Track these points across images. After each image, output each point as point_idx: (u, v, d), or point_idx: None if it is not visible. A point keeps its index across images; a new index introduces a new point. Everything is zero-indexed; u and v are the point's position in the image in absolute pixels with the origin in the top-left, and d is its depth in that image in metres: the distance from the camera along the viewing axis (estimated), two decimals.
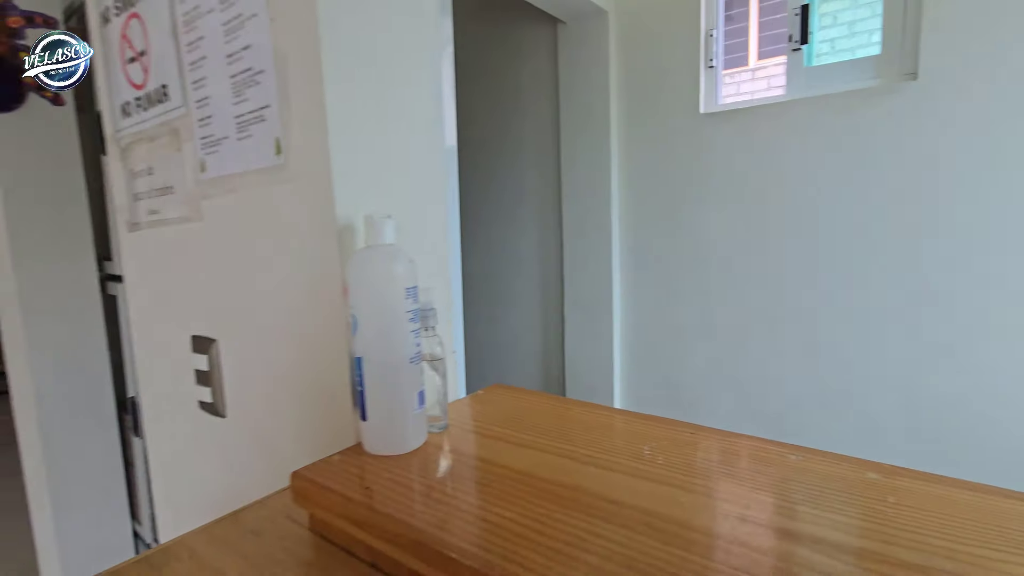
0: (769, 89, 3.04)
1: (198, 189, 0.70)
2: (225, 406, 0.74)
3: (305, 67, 0.54)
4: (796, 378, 1.45)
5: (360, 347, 0.52)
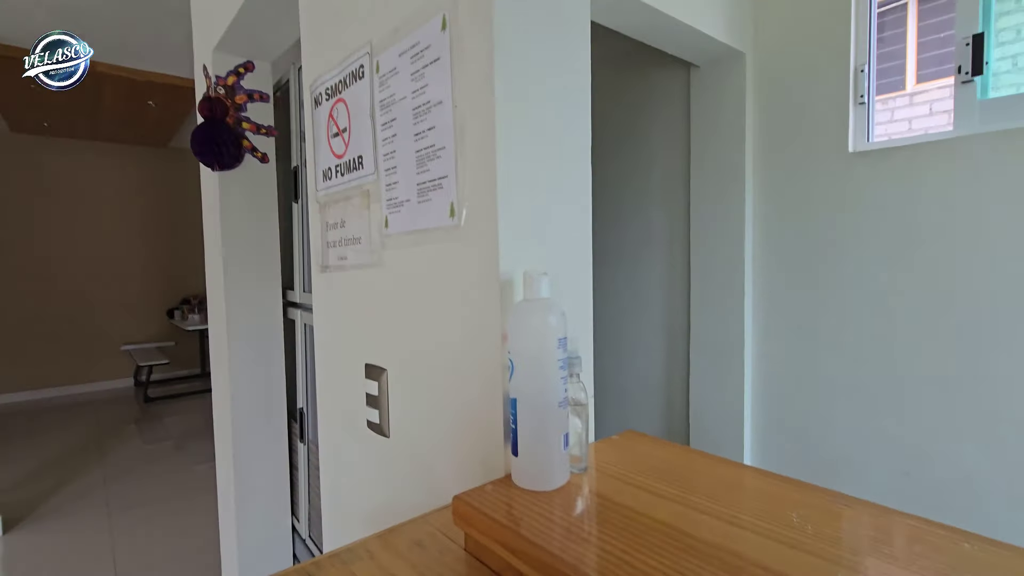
0: (931, 115, 2.72)
1: (381, 241, 0.83)
2: (389, 428, 0.85)
3: (480, 146, 0.64)
4: (970, 452, 1.26)
5: (516, 389, 0.58)
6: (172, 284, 5.97)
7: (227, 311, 1.73)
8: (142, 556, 2.38)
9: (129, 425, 4.45)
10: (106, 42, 2.74)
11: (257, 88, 1.76)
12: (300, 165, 1.79)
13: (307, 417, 1.82)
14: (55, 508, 2.87)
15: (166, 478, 3.27)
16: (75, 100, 3.93)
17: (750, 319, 1.71)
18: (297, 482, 1.90)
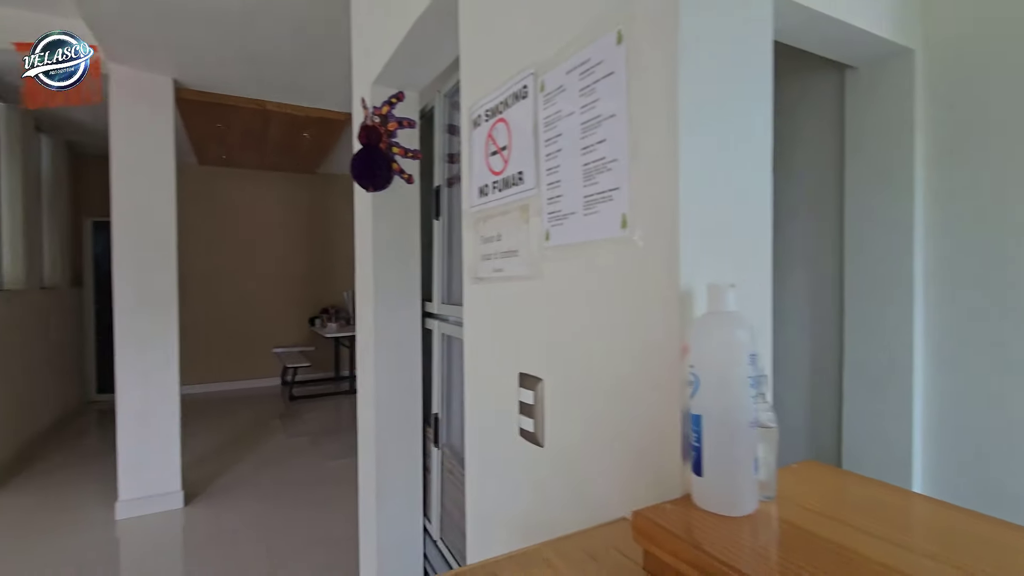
0: None
1: (540, 254, 0.86)
2: (544, 437, 0.86)
3: (658, 157, 0.63)
4: None
5: (700, 406, 0.56)
6: (314, 295, 6.65)
7: (375, 321, 1.88)
8: (289, 538, 2.64)
9: (275, 420, 5.00)
10: (278, 83, 3.16)
11: (406, 116, 1.91)
12: (442, 184, 1.91)
13: (442, 422, 1.91)
14: (222, 487, 3.30)
15: (305, 470, 3.61)
16: (248, 136, 4.58)
17: (920, 340, 1.49)
18: (430, 485, 1.99)
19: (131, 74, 2.82)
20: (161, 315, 2.94)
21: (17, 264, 3.92)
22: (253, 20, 2.37)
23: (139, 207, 2.88)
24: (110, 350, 5.60)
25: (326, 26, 2.43)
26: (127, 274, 2.86)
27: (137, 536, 2.71)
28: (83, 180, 5.46)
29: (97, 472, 3.58)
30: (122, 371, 2.87)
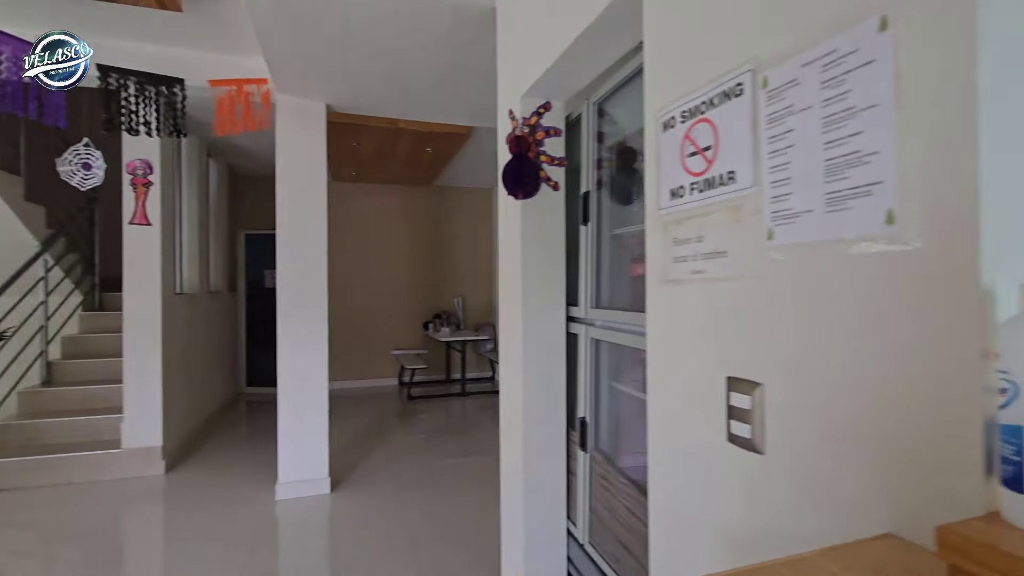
0: None
1: (760, 254, 0.83)
2: (764, 444, 0.83)
3: (943, 147, 0.59)
4: None
5: (1019, 415, 0.51)
6: (427, 301, 7.00)
7: (523, 324, 1.94)
8: (427, 529, 2.79)
9: (394, 417, 5.31)
10: (413, 102, 3.38)
11: (552, 125, 1.96)
12: (591, 190, 1.93)
13: (589, 426, 1.92)
14: (360, 477, 3.56)
15: (425, 467, 3.80)
16: (379, 152, 4.95)
17: None
18: (574, 488, 2.00)
19: (294, 102, 3.17)
20: (314, 319, 3.25)
21: (193, 272, 4.55)
22: (401, 46, 2.56)
23: (297, 222, 3.22)
24: (257, 348, 6.30)
25: (467, 46, 2.57)
26: (288, 282, 3.20)
27: (294, 515, 3.01)
28: (238, 197, 6.21)
29: (254, 455, 4.03)
30: (282, 368, 3.21)
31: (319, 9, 2.21)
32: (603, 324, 1.83)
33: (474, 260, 7.20)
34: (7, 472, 3.33)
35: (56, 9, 2.48)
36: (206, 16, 2.58)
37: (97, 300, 4.58)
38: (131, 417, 3.55)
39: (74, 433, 3.64)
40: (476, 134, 4.59)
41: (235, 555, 2.54)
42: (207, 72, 2.88)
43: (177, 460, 3.86)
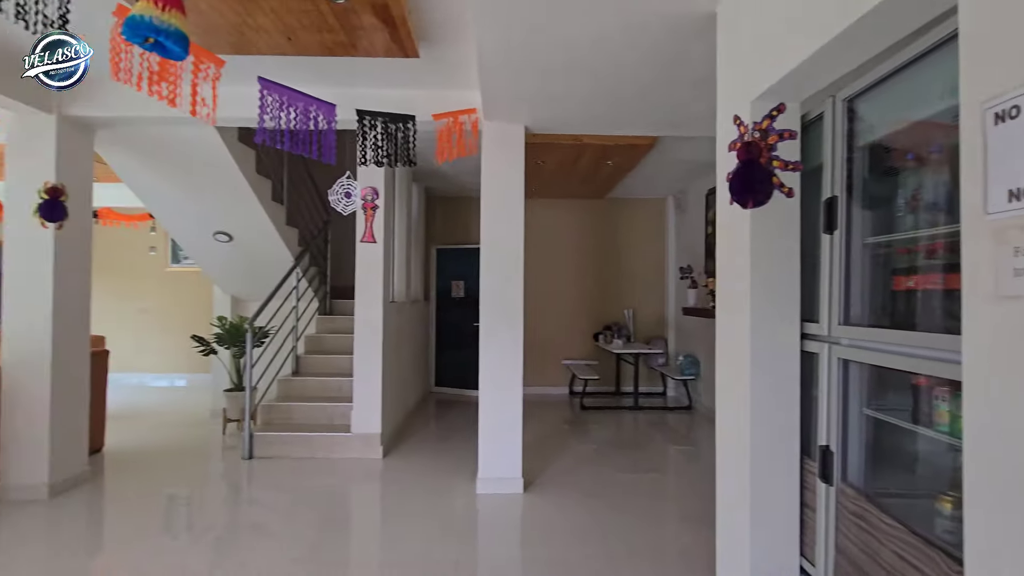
0: None
1: None
2: None
3: None
4: None
5: None
6: (598, 311, 7.03)
7: (751, 340, 1.83)
8: (623, 540, 2.76)
9: (565, 425, 5.39)
10: (602, 117, 3.45)
11: (787, 127, 1.84)
12: (838, 195, 1.77)
13: (834, 456, 1.73)
14: (548, 481, 3.67)
15: (602, 478, 3.77)
16: (560, 168, 5.14)
17: None
18: (811, 523, 1.82)
19: (498, 127, 3.45)
20: (511, 326, 3.47)
21: (400, 283, 5.18)
22: (605, 65, 2.63)
23: (498, 237, 3.47)
24: (444, 352, 6.93)
25: (675, 57, 2.54)
26: (489, 292, 3.47)
27: (494, 509, 3.21)
28: (432, 216, 6.94)
29: (450, 449, 4.41)
30: (483, 371, 3.47)
31: (537, 42, 2.37)
32: (853, 343, 1.65)
33: (645, 272, 7.04)
34: (271, 443, 4.13)
35: (324, 68, 3.04)
36: (434, 59, 2.95)
37: (328, 306, 5.47)
38: (358, 406, 4.15)
39: (315, 416, 4.38)
40: (660, 144, 4.51)
41: (447, 539, 2.80)
42: (430, 108, 3.27)
43: (391, 447, 4.40)
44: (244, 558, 2.63)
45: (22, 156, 3.28)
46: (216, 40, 2.62)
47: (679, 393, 6.67)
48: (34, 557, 2.65)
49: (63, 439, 3.36)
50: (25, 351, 3.25)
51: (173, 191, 4.42)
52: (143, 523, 3.03)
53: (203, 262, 5.26)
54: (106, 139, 3.82)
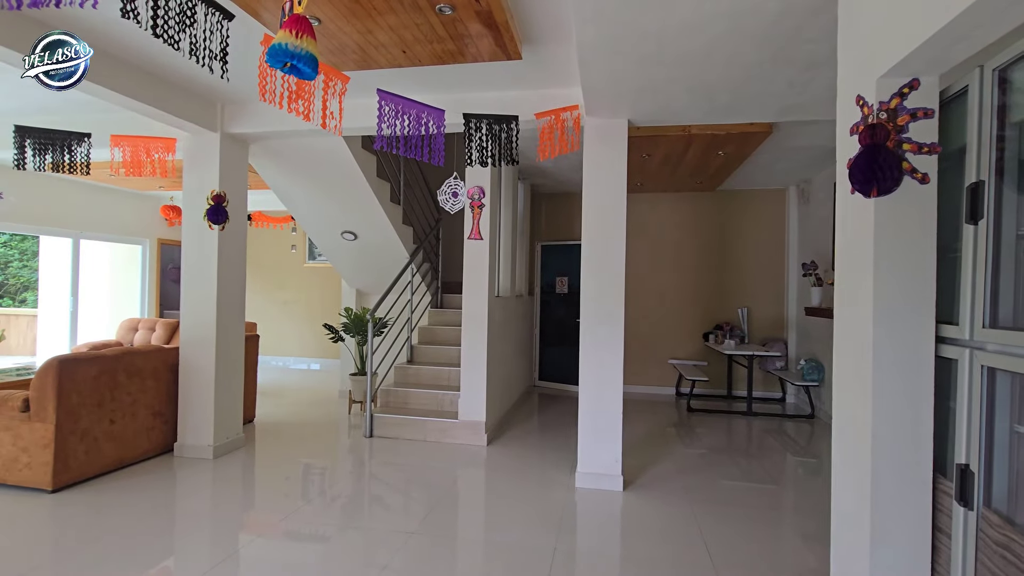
0: None
1: None
2: None
3: None
4: None
5: None
6: (708, 310, 6.68)
7: (874, 343, 1.67)
8: (727, 550, 2.64)
9: (670, 428, 5.19)
10: (714, 106, 3.28)
11: (921, 106, 1.64)
12: (986, 180, 1.55)
13: (975, 477, 1.53)
14: (650, 481, 3.60)
15: (709, 484, 3.58)
16: (666, 161, 4.97)
17: None
18: (945, 550, 1.62)
19: (600, 123, 3.44)
20: (612, 323, 3.45)
21: (506, 278, 5.36)
22: (713, 51, 2.51)
23: (600, 234, 3.47)
24: (548, 346, 7.03)
25: (789, 36, 2.37)
26: (590, 288, 3.48)
27: (593, 504, 3.23)
28: (536, 213, 7.06)
29: (551, 442, 4.49)
30: (585, 368, 3.50)
31: (637, 32, 2.34)
32: (1002, 349, 1.44)
33: (762, 268, 6.56)
34: (389, 425, 4.51)
35: (432, 77, 3.25)
36: (535, 59, 3.02)
37: (439, 299, 5.82)
38: (465, 394, 4.38)
39: (427, 403, 4.70)
40: (777, 131, 4.18)
41: (546, 528, 2.88)
42: (532, 106, 3.36)
43: (494, 436, 4.59)
44: (366, 524, 2.93)
45: (194, 169, 3.91)
46: (343, 59, 2.92)
47: (800, 400, 6.13)
48: (202, 507, 3.18)
49: (224, 409, 3.97)
50: (197, 333, 3.89)
51: (308, 195, 4.99)
52: (284, 486, 3.48)
53: (333, 258, 5.86)
54: (257, 152, 4.43)
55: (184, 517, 3.03)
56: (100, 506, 3.03)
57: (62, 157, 3.53)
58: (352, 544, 2.69)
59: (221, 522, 2.95)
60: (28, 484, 3.15)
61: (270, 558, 2.56)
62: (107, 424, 3.45)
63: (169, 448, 3.95)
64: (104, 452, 3.44)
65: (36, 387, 3.15)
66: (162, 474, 3.57)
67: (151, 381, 3.77)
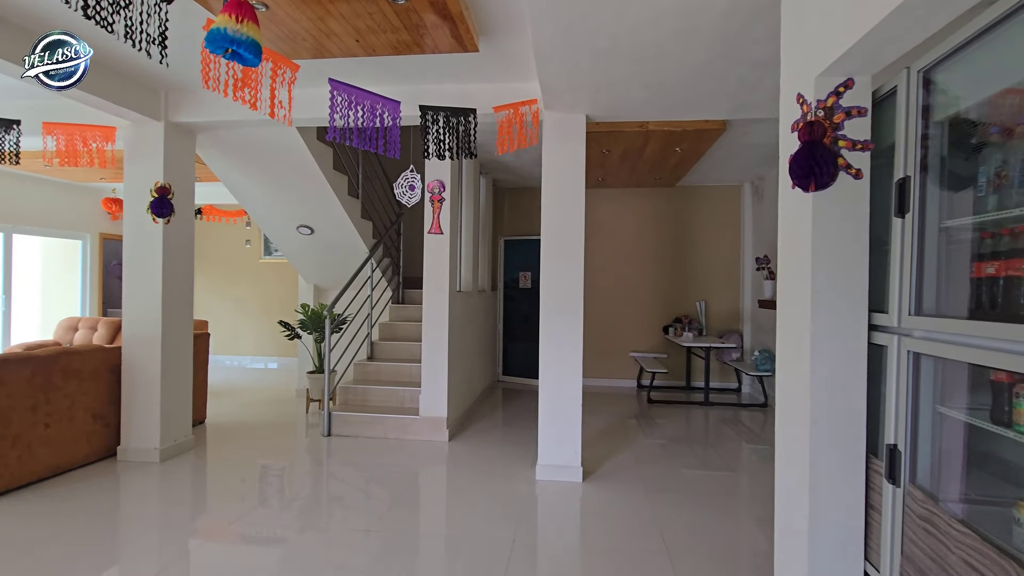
0: None
1: None
2: None
3: None
4: None
5: None
6: (667, 304, 6.83)
7: (811, 332, 1.74)
8: (683, 536, 2.72)
9: (631, 419, 5.30)
10: (670, 102, 3.35)
11: (855, 104, 1.72)
12: (911, 176, 1.63)
13: (902, 456, 1.62)
14: (609, 472, 3.67)
15: (667, 473, 3.68)
16: (626, 157, 5.04)
17: None
18: (876, 526, 1.72)
19: (558, 117, 3.46)
20: (571, 316, 3.48)
21: (467, 273, 5.33)
22: (665, 47, 2.56)
23: (559, 228, 3.49)
24: (511, 341, 7.05)
25: (737, 35, 2.43)
26: (549, 282, 3.50)
27: (552, 496, 3.26)
28: (499, 207, 7.05)
29: (513, 436, 4.51)
30: (543, 360, 3.52)
31: (592, 27, 2.36)
32: (926, 335, 1.52)
33: (718, 263, 6.75)
34: (349, 423, 4.43)
35: (389, 68, 3.20)
36: (493, 53, 3.01)
37: (400, 295, 5.74)
38: (426, 391, 4.35)
39: (388, 399, 4.64)
40: (731, 128, 4.30)
41: (506, 521, 2.89)
42: (491, 100, 3.34)
43: (456, 431, 4.57)
44: (324, 525, 2.87)
45: (137, 160, 3.73)
46: (295, 47, 2.83)
47: (754, 390, 6.36)
48: (148, 512, 3.04)
49: (171, 410, 3.81)
50: (140, 331, 3.71)
51: (262, 188, 4.83)
52: (238, 488, 3.38)
53: (289, 254, 5.70)
54: (205, 142, 4.25)
55: (128, 523, 2.90)
56: (33, 515, 2.87)
57: None
58: (310, 545, 2.63)
59: (169, 527, 2.83)
60: None
61: (223, 562, 2.48)
62: (42, 428, 3.26)
63: (112, 452, 3.76)
64: (39, 458, 3.25)
65: None
66: (103, 480, 3.40)
67: (90, 383, 3.58)
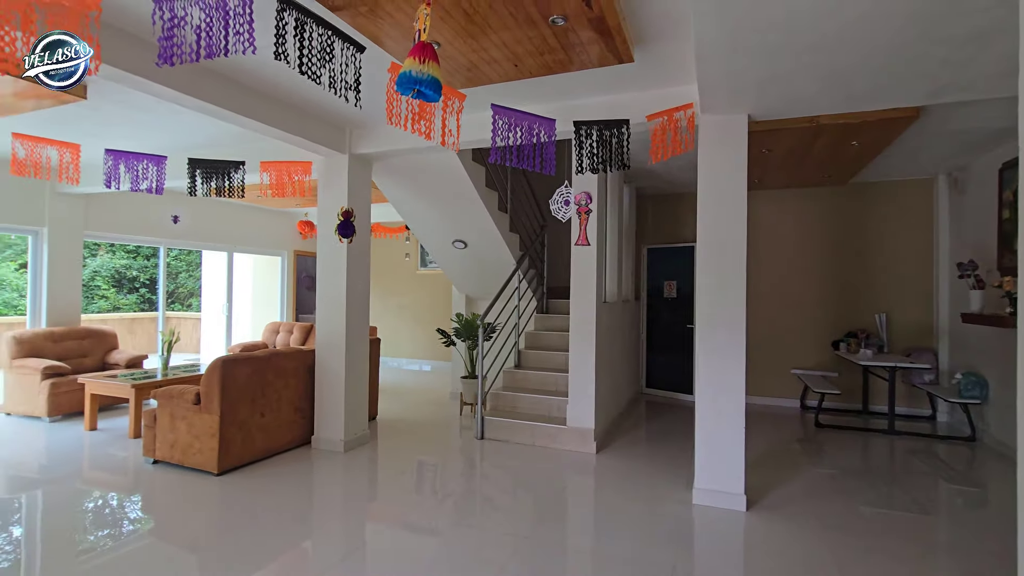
0: None
1: None
2: None
3: None
4: None
5: None
6: (838, 316, 6.06)
7: None
8: None
9: (795, 444, 4.76)
10: (846, 93, 2.98)
11: None
12: None
13: None
14: (777, 502, 3.34)
15: (844, 509, 3.23)
16: (789, 155, 4.61)
17: None
18: None
19: (716, 120, 3.28)
20: (732, 332, 3.25)
21: (612, 283, 5.28)
22: (846, 38, 2.29)
23: (717, 235, 3.30)
24: (655, 353, 6.81)
25: (939, 13, 2.08)
26: (706, 292, 3.32)
27: (712, 524, 3.06)
28: (642, 215, 6.88)
29: (663, 453, 4.33)
30: (699, 376, 3.34)
31: (761, 22, 2.20)
32: None
33: (903, 270, 5.83)
34: (499, 427, 4.63)
35: (543, 87, 3.31)
36: (646, 60, 2.95)
37: (545, 305, 5.87)
38: (574, 401, 4.38)
39: (535, 407, 4.76)
40: (926, 115, 3.70)
41: (663, 544, 2.78)
42: (642, 108, 3.28)
43: (603, 444, 4.53)
44: (479, 524, 3.03)
45: (327, 188, 4.32)
46: (456, 78, 3.07)
47: (955, 419, 5.36)
48: (335, 496, 3.50)
49: (353, 407, 4.32)
50: (329, 337, 4.28)
51: (423, 206, 5.30)
52: (404, 482, 3.72)
53: (444, 266, 6.16)
54: (378, 169, 4.79)
55: (321, 505, 3.36)
56: (254, 489, 3.45)
57: (223, 183, 4.08)
58: (463, 541, 2.79)
59: (349, 513, 3.22)
60: (200, 467, 3.67)
61: (390, 548, 2.75)
62: (259, 417, 3.91)
63: (307, 441, 4.38)
64: (256, 442, 3.90)
65: (204, 383, 3.66)
66: (301, 465, 3.97)
67: (293, 380, 4.21)
